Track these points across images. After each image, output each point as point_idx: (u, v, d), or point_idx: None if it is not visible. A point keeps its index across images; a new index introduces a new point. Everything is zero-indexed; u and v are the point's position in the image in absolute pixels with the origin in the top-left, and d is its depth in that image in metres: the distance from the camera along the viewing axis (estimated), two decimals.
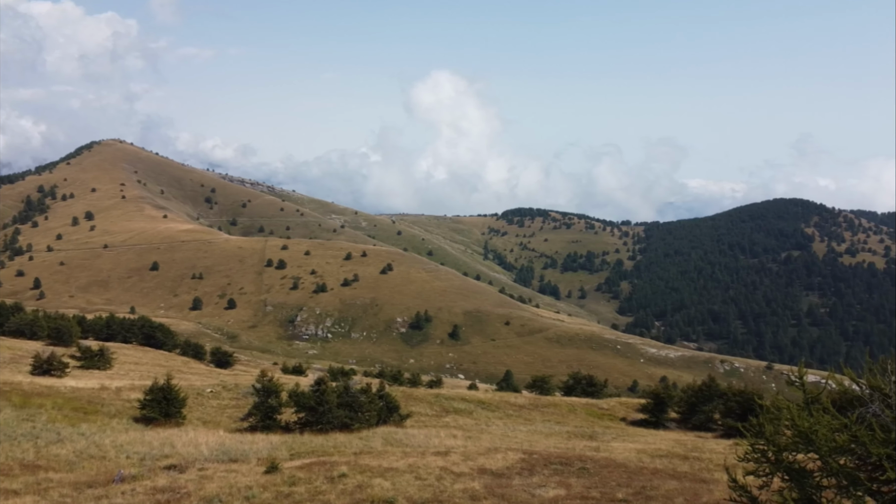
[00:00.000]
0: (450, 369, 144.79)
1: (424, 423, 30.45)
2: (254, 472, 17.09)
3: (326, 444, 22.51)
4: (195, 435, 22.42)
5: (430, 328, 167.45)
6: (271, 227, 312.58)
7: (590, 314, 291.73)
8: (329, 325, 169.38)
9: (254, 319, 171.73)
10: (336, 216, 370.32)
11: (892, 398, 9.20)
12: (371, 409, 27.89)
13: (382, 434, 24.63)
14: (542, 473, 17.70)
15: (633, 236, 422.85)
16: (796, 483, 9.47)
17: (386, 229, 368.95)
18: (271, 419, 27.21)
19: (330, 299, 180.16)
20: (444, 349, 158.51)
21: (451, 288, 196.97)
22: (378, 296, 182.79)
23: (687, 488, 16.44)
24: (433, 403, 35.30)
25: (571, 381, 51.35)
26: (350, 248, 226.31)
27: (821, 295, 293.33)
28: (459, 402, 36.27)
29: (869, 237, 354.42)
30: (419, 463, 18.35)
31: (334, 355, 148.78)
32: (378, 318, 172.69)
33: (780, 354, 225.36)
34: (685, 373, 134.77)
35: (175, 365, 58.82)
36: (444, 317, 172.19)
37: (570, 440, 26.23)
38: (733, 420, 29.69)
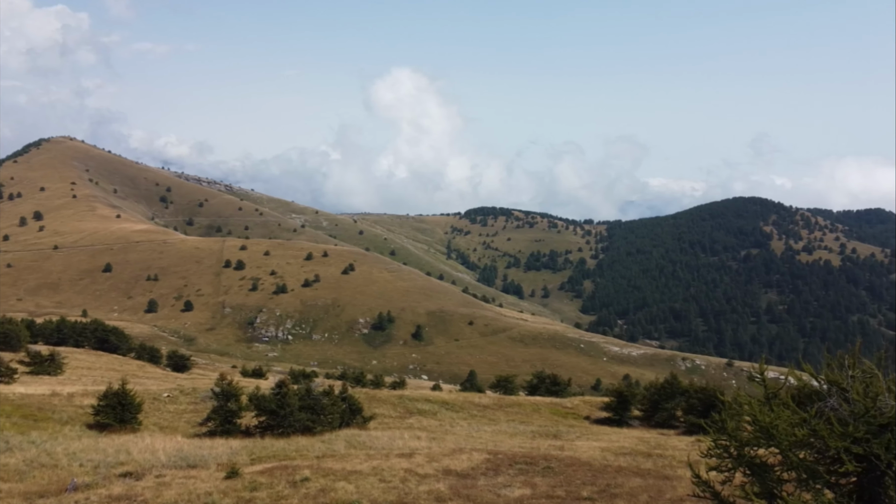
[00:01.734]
0: (413, 370, 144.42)
1: (388, 425, 30.23)
2: (213, 477, 16.69)
3: (288, 447, 22.17)
4: (152, 441, 21.83)
5: (393, 329, 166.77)
6: (229, 226, 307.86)
7: (553, 313, 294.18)
8: (290, 326, 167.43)
9: (212, 322, 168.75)
10: (296, 216, 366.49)
11: (849, 393, 9.35)
12: (333, 412, 27.57)
13: (345, 437, 24.35)
14: (508, 473, 17.67)
15: (596, 235, 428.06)
16: (758, 477, 9.57)
17: (347, 229, 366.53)
18: (231, 423, 26.68)
19: (290, 300, 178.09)
20: (408, 350, 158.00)
21: (414, 288, 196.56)
22: (340, 296, 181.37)
23: (651, 485, 16.58)
24: (397, 405, 35.09)
25: (535, 380, 51.63)
26: (311, 248, 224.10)
27: (779, 292, 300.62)
28: (423, 403, 36.12)
29: (825, 235, 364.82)
30: (383, 465, 18.16)
31: (295, 357, 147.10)
32: (340, 319, 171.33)
33: (741, 351, 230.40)
34: (648, 371, 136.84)
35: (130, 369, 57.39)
36: (408, 317, 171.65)
37: (534, 439, 26.30)
38: (695, 417, 30.15)
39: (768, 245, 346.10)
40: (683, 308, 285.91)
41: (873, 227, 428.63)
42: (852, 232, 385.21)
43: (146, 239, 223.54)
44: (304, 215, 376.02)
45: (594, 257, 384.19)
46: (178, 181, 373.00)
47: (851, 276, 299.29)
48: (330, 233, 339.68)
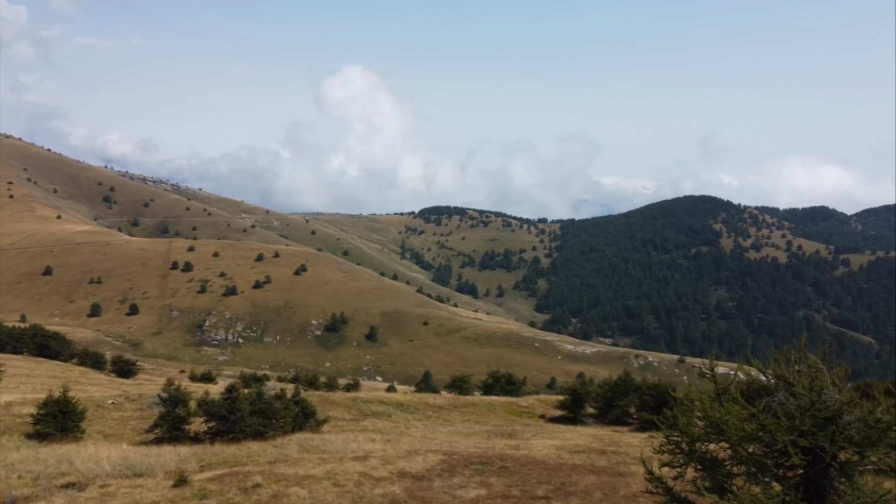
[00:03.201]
0: (367, 372, 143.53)
1: (342, 428, 29.90)
2: (161, 486, 16.22)
3: (239, 453, 21.71)
4: (96, 450, 21.09)
5: (347, 330, 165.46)
6: (177, 227, 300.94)
7: (508, 312, 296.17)
8: (240, 329, 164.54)
9: (158, 325, 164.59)
10: (246, 215, 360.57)
11: (795, 387, 9.56)
12: (286, 416, 27.10)
13: (298, 441, 23.98)
14: (463, 474, 17.63)
15: (550, 234, 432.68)
16: (708, 472, 9.73)
17: (299, 229, 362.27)
18: (179, 430, 25.97)
19: (241, 302, 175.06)
20: (362, 351, 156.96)
21: (368, 288, 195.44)
22: (292, 298, 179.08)
23: (605, 482, 16.75)
24: (351, 407, 34.77)
25: (490, 379, 51.82)
26: (262, 248, 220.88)
27: (728, 289, 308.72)
28: (378, 404, 35.87)
29: (772, 232, 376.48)
30: (337, 469, 17.93)
31: (246, 361, 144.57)
32: (292, 320, 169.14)
33: (692, 347, 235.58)
34: (601, 368, 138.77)
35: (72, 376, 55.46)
36: (361, 318, 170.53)
37: (490, 439, 26.35)
38: (648, 413, 30.60)
39: (718, 243, 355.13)
40: (636, 306, 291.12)
41: (818, 225, 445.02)
42: (798, 229, 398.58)
43: (89, 240, 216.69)
44: (254, 215, 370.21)
45: (548, 256, 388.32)
46: (123, 180, 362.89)
47: (797, 272, 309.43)
48: (281, 233, 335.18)
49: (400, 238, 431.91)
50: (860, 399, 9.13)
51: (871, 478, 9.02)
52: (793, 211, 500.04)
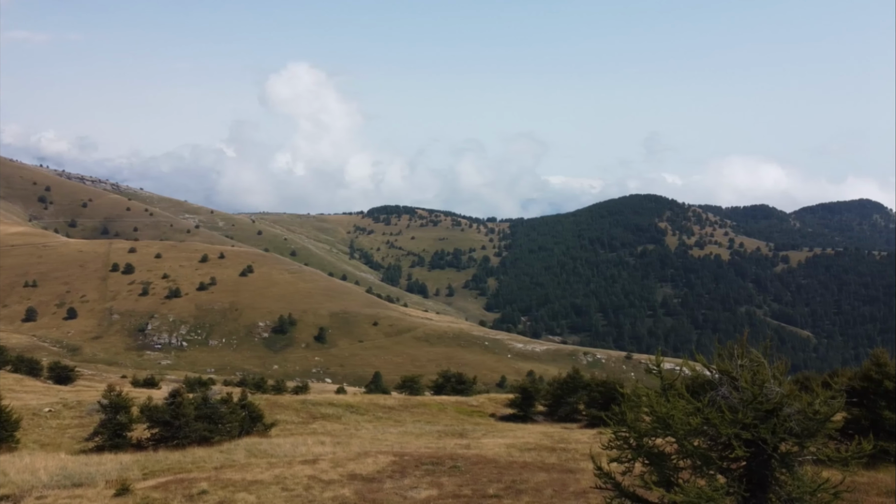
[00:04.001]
0: (316, 374, 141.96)
1: (291, 431, 29.48)
2: (102, 496, 15.69)
3: (184, 459, 21.19)
4: (32, 460, 20.24)
5: (295, 332, 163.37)
6: (117, 228, 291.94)
7: (458, 311, 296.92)
8: (184, 332, 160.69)
9: (98, 329, 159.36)
10: (190, 216, 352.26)
11: (738, 381, 9.80)
12: (233, 420, 26.56)
13: (246, 445, 23.53)
14: (414, 475, 17.57)
15: (499, 233, 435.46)
16: (656, 466, 9.89)
17: (245, 229, 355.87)
18: (121, 437, 25.16)
19: (185, 305, 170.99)
20: (311, 353, 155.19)
21: (317, 289, 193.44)
22: (238, 299, 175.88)
23: (555, 479, 16.92)
24: (300, 410, 34.33)
25: (441, 379, 51.86)
26: (206, 249, 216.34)
27: (674, 286, 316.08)
28: (327, 407, 35.50)
29: (715, 230, 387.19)
30: (286, 473, 17.66)
31: (191, 365, 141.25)
32: (238, 323, 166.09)
33: (639, 344, 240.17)
34: (551, 366, 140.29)
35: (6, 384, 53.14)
36: (310, 319, 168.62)
37: (441, 439, 26.35)
38: (597, 410, 31.03)
39: (663, 241, 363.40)
40: (584, 303, 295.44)
41: (758, 223, 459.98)
42: (740, 227, 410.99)
43: (23, 242, 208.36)
44: (198, 215, 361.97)
45: (498, 255, 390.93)
46: (59, 180, 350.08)
47: (739, 269, 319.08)
48: (227, 233, 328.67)
49: (349, 238, 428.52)
50: (799, 392, 9.42)
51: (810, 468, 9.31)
52: (735, 209, 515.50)
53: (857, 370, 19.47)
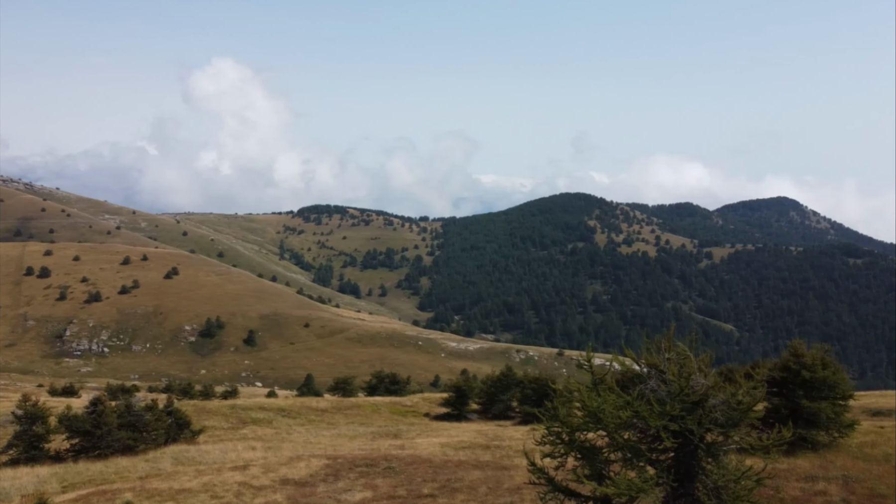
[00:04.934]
0: (246, 377, 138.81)
1: (220, 438, 28.68)
2: None
3: (107, 470, 20.33)
4: None
5: (223, 335, 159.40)
6: (31, 230, 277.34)
7: (391, 311, 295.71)
8: (105, 338, 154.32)
9: (11, 337, 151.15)
10: (110, 216, 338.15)
11: (666, 374, 10.06)
12: (158, 428, 25.65)
13: (172, 453, 22.76)
14: (348, 477, 17.37)
15: (432, 232, 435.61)
16: (588, 460, 10.05)
17: (169, 230, 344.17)
18: (38, 449, 23.90)
19: (106, 309, 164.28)
20: (240, 356, 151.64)
21: (246, 291, 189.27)
22: (162, 303, 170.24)
23: (490, 476, 17.03)
24: (229, 415, 33.46)
25: (375, 380, 51.58)
26: (128, 251, 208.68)
27: (603, 283, 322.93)
28: (258, 411, 34.75)
29: (642, 228, 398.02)
30: (215, 480, 17.16)
31: (113, 372, 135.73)
32: (163, 327, 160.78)
33: (570, 341, 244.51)
34: (484, 364, 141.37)
35: None
36: (239, 322, 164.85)
37: (375, 440, 26.17)
38: (530, 406, 31.41)
39: (592, 238, 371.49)
40: (517, 301, 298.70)
41: (683, 220, 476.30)
42: (666, 225, 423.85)
43: None
44: (119, 216, 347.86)
45: (430, 254, 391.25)
46: None
47: (666, 265, 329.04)
48: (150, 234, 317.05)
49: (278, 238, 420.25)
50: (724, 383, 9.75)
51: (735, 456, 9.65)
52: (661, 207, 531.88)
53: (776, 361, 20.27)
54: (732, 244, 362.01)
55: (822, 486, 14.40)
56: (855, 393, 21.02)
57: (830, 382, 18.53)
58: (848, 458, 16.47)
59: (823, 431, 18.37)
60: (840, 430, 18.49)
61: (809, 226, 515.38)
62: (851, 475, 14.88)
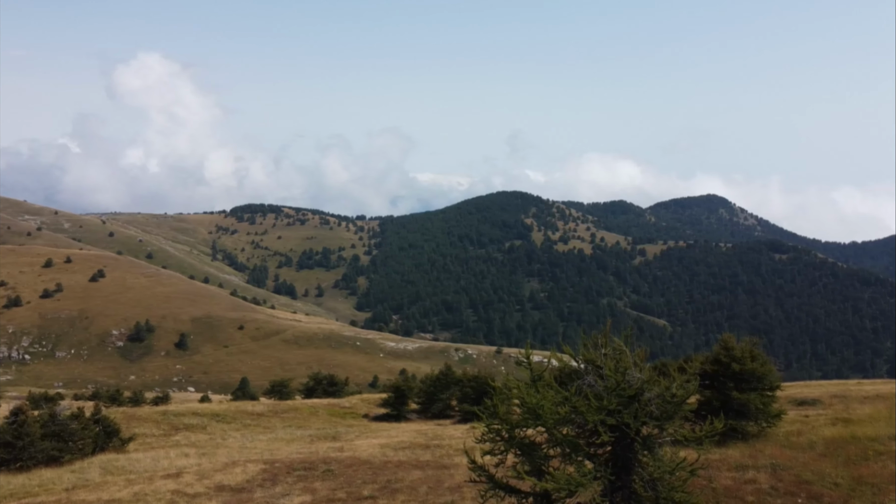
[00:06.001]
0: (178, 382, 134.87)
1: (151, 445, 27.76)
2: None
3: (30, 483, 19.40)
4: None
5: (154, 339, 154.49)
6: None
7: (328, 312, 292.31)
8: (26, 344, 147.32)
9: None
10: (31, 217, 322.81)
11: (603, 369, 10.24)
12: (85, 437, 24.62)
13: (101, 463, 21.88)
14: (286, 482, 17.07)
15: (369, 231, 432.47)
16: (527, 456, 10.14)
17: (95, 231, 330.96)
18: None
19: (27, 314, 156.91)
20: (171, 361, 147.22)
21: (177, 293, 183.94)
22: (88, 307, 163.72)
23: (430, 476, 17.01)
24: (160, 422, 32.43)
25: (312, 382, 50.96)
26: (50, 253, 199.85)
27: (540, 280, 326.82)
28: (191, 416, 33.80)
29: (578, 226, 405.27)
30: (146, 489, 16.59)
31: (35, 380, 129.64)
32: (89, 332, 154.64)
33: (508, 338, 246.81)
34: (423, 364, 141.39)
35: None
36: (170, 325, 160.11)
37: (313, 443, 25.82)
38: (470, 405, 31.59)
39: (529, 236, 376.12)
40: (455, 300, 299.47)
41: (618, 218, 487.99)
42: (601, 222, 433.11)
43: None
44: (40, 216, 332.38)
45: (368, 253, 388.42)
46: None
47: (601, 262, 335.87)
48: (73, 235, 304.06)
49: (211, 238, 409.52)
50: (658, 377, 10.00)
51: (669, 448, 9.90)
52: (595, 205, 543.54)
53: (708, 355, 20.88)
54: (665, 241, 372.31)
55: (752, 474, 14.95)
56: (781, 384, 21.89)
57: (759, 374, 19.23)
58: (776, 447, 17.15)
59: (753, 422, 19.04)
60: (768, 420, 19.18)
61: (738, 223, 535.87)
62: (779, 463, 15.52)
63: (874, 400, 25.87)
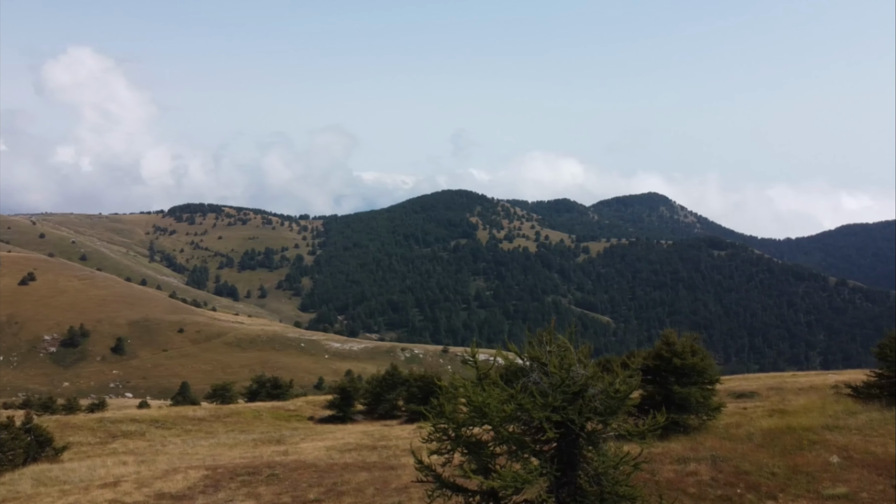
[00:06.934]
0: (115, 388, 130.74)
1: (87, 454, 26.80)
2: None
3: None
4: None
5: (88, 344, 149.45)
6: None
7: (272, 313, 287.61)
8: None
9: None
10: None
11: (548, 366, 10.33)
12: (16, 447, 23.59)
13: (33, 474, 20.98)
14: (229, 488, 16.71)
15: (313, 230, 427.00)
16: (474, 455, 10.15)
17: (24, 232, 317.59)
18: None
19: None
20: (108, 366, 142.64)
21: (113, 296, 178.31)
22: (17, 311, 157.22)
23: (377, 477, 16.90)
24: (97, 429, 31.36)
25: (255, 385, 50.21)
26: None
27: (486, 279, 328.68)
28: (129, 423, 32.78)
29: (523, 224, 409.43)
30: (82, 500, 16.03)
31: None
32: (19, 337, 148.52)
33: (455, 337, 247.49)
34: (369, 364, 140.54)
35: None
36: (106, 329, 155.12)
37: (257, 448, 25.36)
38: (416, 405, 31.49)
39: (475, 235, 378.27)
40: (401, 300, 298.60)
41: (561, 216, 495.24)
42: (545, 220, 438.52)
43: None
44: None
45: (312, 253, 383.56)
46: None
47: (546, 260, 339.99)
48: (1, 237, 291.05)
49: (148, 239, 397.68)
50: (602, 373, 10.14)
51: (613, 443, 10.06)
52: (540, 203, 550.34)
53: (650, 350, 21.30)
54: (608, 239, 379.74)
55: (693, 466, 15.35)
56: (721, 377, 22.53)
57: (699, 368, 19.73)
58: (716, 439, 17.65)
59: (694, 415, 19.52)
60: (708, 413, 19.70)
61: (678, 220, 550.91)
62: (719, 455, 15.98)
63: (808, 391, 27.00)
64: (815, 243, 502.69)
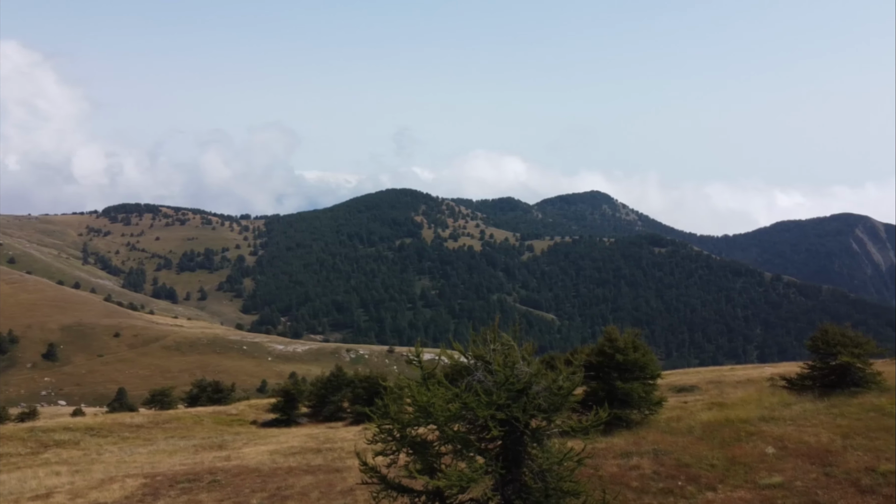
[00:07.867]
0: (47, 396, 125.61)
1: (17, 465, 25.61)
2: None
3: None
4: None
5: (18, 351, 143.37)
6: None
7: (212, 316, 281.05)
8: None
9: None
10: None
11: (492, 364, 10.36)
12: None
13: None
14: (169, 495, 16.23)
15: (254, 230, 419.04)
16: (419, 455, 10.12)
17: None
18: None
19: None
20: (38, 373, 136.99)
21: (44, 300, 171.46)
22: None
23: (322, 481, 16.68)
24: (27, 439, 30.02)
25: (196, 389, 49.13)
26: None
27: (431, 278, 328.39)
28: (62, 432, 31.50)
29: (468, 223, 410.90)
30: None
31: None
32: None
33: (400, 337, 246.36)
34: (314, 366, 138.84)
35: None
36: (36, 335, 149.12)
37: (198, 454, 24.70)
38: (362, 406, 31.28)
39: (420, 234, 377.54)
40: (345, 300, 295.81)
41: (506, 214, 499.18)
42: (489, 219, 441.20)
43: None
44: None
45: (253, 254, 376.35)
46: None
47: (491, 259, 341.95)
48: None
49: (81, 241, 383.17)
50: (546, 370, 10.23)
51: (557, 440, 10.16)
52: (484, 202, 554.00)
53: (593, 347, 21.66)
54: (552, 237, 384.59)
55: (636, 461, 15.67)
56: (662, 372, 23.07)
57: (641, 364, 20.16)
58: (658, 433, 18.05)
59: (636, 410, 19.93)
60: (650, 408, 20.15)
61: (620, 218, 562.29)
62: (661, 449, 16.35)
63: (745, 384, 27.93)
64: (751, 240, 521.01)
